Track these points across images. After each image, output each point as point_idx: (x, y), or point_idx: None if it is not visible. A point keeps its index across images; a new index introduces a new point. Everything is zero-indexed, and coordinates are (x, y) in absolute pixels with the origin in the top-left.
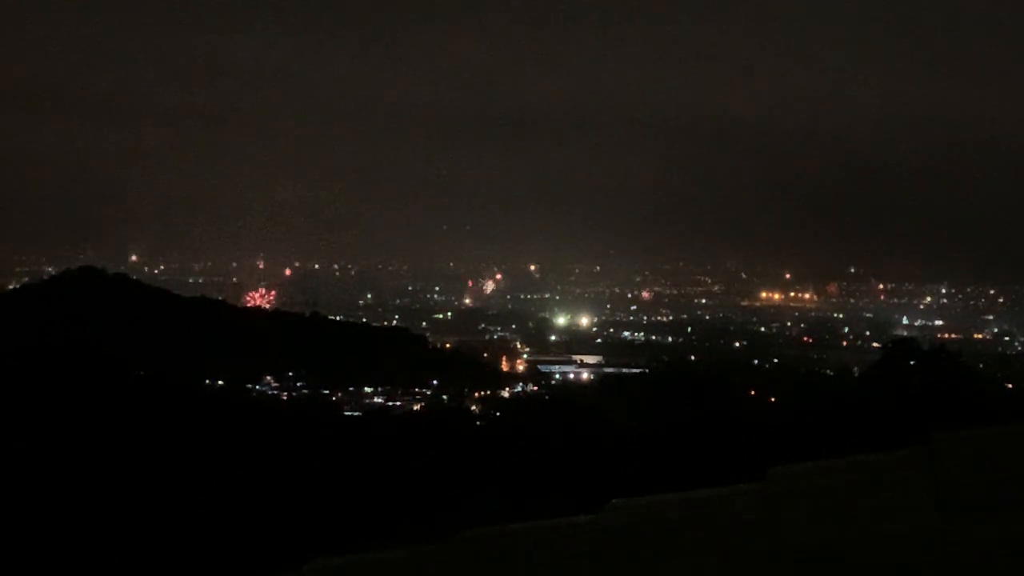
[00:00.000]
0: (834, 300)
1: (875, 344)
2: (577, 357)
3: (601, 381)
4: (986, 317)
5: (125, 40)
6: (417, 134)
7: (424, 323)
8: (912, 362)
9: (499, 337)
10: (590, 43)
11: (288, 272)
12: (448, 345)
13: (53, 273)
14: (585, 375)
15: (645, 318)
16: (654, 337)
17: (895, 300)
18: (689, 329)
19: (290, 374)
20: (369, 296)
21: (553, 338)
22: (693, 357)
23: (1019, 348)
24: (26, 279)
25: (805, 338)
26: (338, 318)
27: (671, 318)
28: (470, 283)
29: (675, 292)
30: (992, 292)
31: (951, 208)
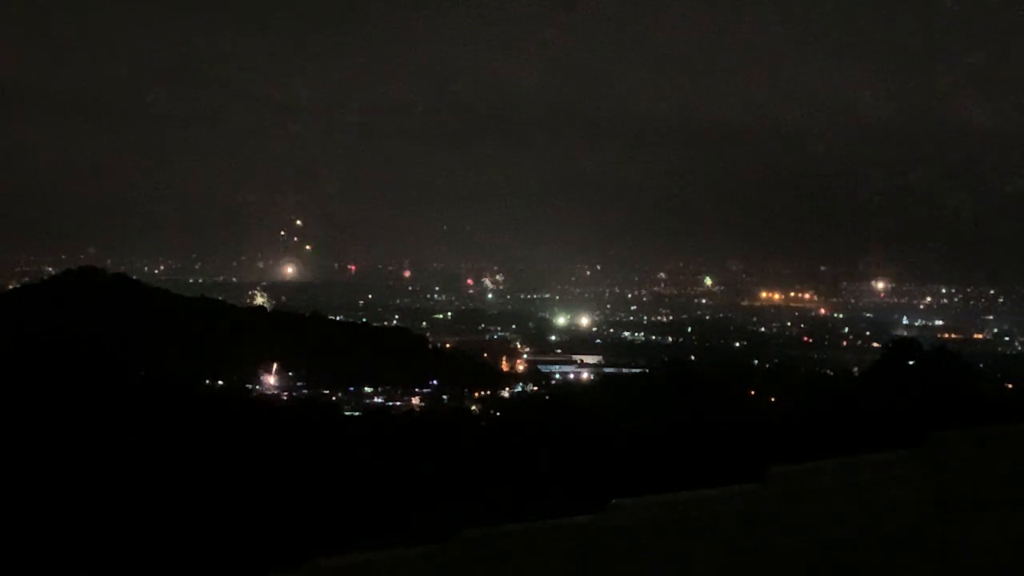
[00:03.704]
0: (834, 300)
1: (875, 344)
2: (577, 357)
3: (601, 381)
4: (986, 317)
5: (125, 40)
6: (417, 135)
7: (424, 323)
8: (912, 362)
9: (499, 337)
10: (591, 46)
11: (289, 271)
12: (448, 345)
13: (53, 273)
14: (585, 375)
15: (645, 318)
16: (654, 337)
17: (895, 300)
18: (689, 329)
19: (290, 374)
20: (370, 296)
21: (553, 338)
22: (693, 357)
23: (1019, 348)
24: (26, 279)
25: (805, 338)
26: (338, 318)
27: (671, 318)
28: (470, 281)
29: (675, 292)
30: (992, 292)
31: (951, 208)
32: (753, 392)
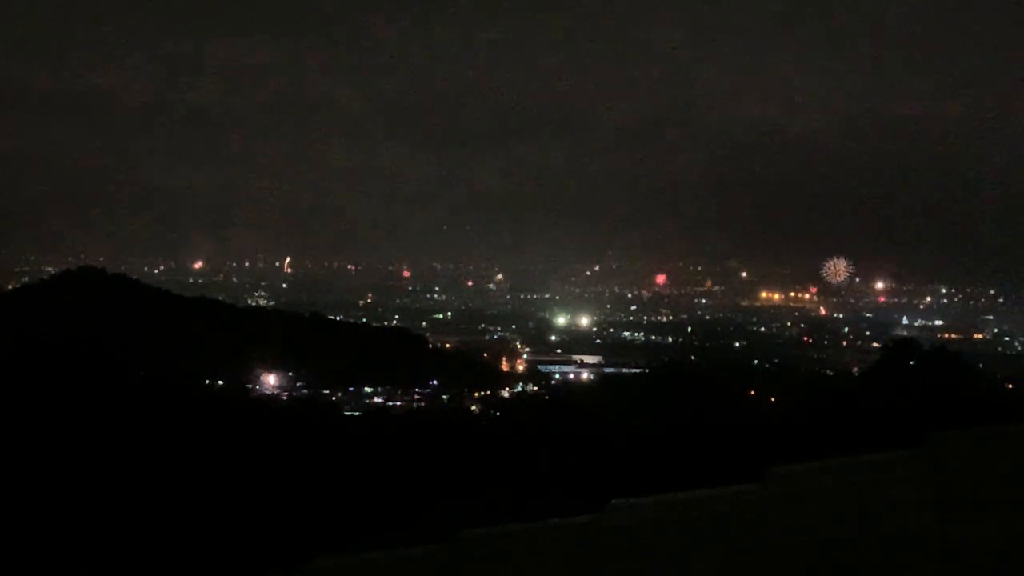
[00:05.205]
0: (834, 300)
1: (875, 344)
2: (577, 357)
3: (601, 381)
4: (986, 317)
5: (125, 41)
6: (417, 135)
7: (424, 323)
8: (912, 362)
9: (499, 337)
10: (592, 48)
11: (288, 271)
12: (448, 345)
13: (53, 273)
14: (585, 375)
15: (645, 318)
16: (654, 337)
17: (895, 300)
18: (689, 329)
19: (290, 374)
20: (370, 296)
21: (553, 338)
22: (693, 357)
23: (1019, 348)
24: (26, 279)
25: (805, 338)
26: (338, 318)
27: (671, 318)
28: (471, 282)
29: (675, 292)
30: (992, 292)
31: (951, 208)
32: (753, 392)
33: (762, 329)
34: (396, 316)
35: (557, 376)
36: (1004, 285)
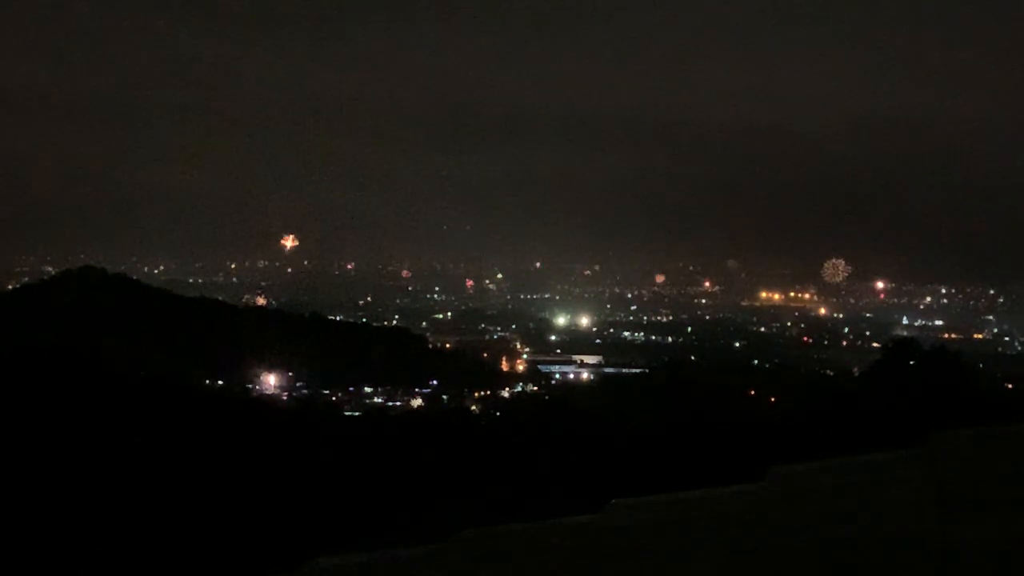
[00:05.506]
0: (834, 300)
1: (875, 344)
2: (577, 357)
3: (601, 381)
4: (986, 317)
5: (124, 42)
6: (417, 135)
7: (424, 323)
8: (912, 362)
9: (499, 337)
10: (591, 48)
11: (289, 271)
12: (448, 345)
13: (53, 273)
14: (585, 375)
15: (645, 318)
16: (654, 337)
17: (895, 300)
18: (689, 329)
19: (290, 374)
20: (369, 297)
21: (553, 338)
22: (693, 357)
23: (1019, 348)
24: (26, 279)
25: (805, 338)
26: (338, 318)
27: (671, 318)
28: (470, 282)
29: (675, 292)
30: (992, 292)
31: (951, 208)
32: (753, 392)
33: (762, 329)
34: (396, 316)
35: (557, 376)
36: (1004, 285)
